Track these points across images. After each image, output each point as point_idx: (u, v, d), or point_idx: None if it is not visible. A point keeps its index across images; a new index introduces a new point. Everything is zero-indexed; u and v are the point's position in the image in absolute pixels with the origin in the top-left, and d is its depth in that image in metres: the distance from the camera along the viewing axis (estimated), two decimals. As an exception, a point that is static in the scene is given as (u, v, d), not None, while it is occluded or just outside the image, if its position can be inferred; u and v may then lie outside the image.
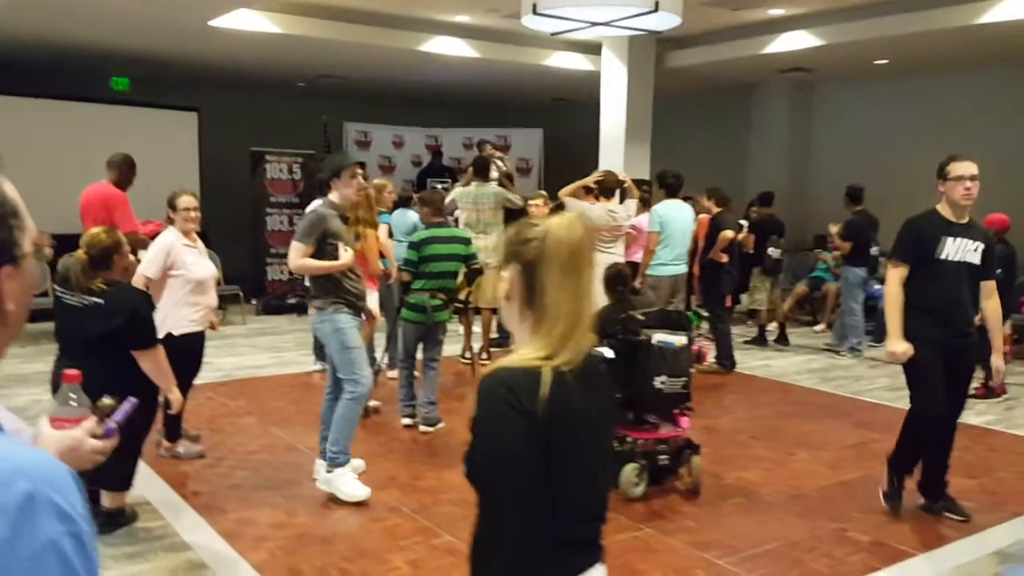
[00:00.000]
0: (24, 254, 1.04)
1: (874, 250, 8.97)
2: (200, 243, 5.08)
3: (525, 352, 1.59)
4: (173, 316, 4.78)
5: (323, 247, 4.40)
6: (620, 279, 5.24)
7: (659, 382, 4.64)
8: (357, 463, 4.73)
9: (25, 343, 7.92)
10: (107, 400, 1.56)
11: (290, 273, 6.90)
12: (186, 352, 4.80)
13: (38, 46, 9.72)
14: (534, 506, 1.54)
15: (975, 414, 6.67)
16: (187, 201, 4.94)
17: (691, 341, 4.83)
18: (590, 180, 7.29)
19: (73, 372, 1.51)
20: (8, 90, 10.00)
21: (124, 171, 6.43)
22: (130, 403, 1.57)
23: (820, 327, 10.38)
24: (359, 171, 4.60)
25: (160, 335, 4.64)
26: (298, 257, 4.40)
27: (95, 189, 6.45)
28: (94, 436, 1.47)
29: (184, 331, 4.82)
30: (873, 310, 9.74)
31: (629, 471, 4.64)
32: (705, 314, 7.33)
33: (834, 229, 9.08)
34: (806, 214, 11.52)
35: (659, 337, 4.67)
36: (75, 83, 10.87)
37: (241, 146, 11.61)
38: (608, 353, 4.91)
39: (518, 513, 1.54)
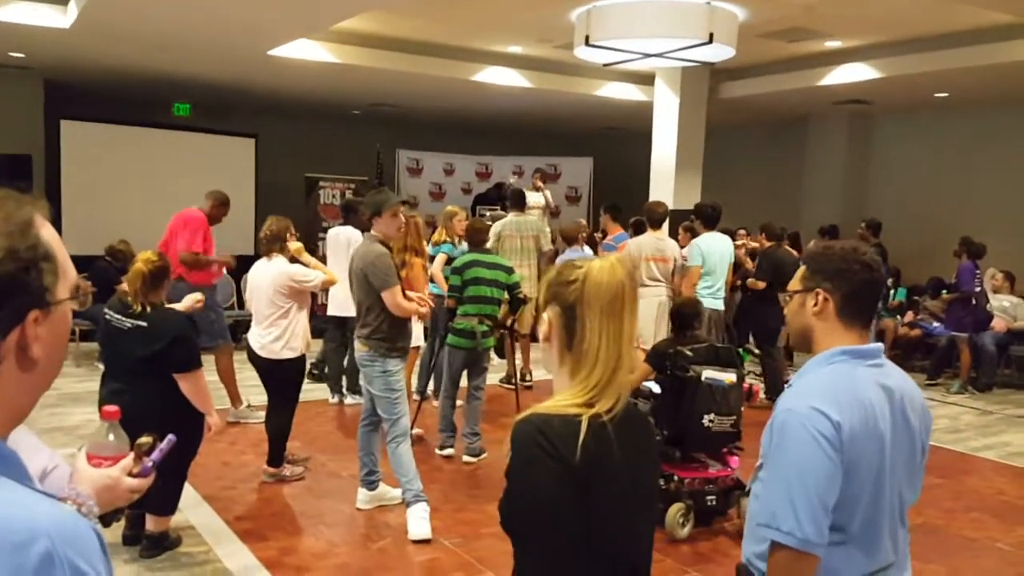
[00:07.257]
0: (57, 300, 0.98)
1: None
2: None
3: (562, 398, 1.54)
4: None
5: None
6: (684, 316, 4.94)
7: (707, 420, 4.55)
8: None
9: (80, 362, 8.10)
10: (145, 438, 1.55)
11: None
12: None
13: (105, 72, 10.04)
14: (567, 557, 1.48)
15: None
16: None
17: (741, 379, 4.72)
18: None
19: (112, 408, 1.50)
20: (75, 115, 10.32)
21: (215, 205, 6.69)
22: (168, 442, 1.55)
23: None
24: (401, 210, 4.63)
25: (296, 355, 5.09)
26: (401, 298, 4.42)
27: (186, 210, 6.67)
28: (130, 475, 1.46)
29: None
30: (931, 347, 9.49)
31: (675, 511, 4.53)
32: (756, 351, 7.18)
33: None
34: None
35: (709, 374, 4.58)
36: (139, 109, 11.21)
37: (297, 172, 11.81)
38: (655, 388, 4.85)
39: (551, 563, 1.49)
